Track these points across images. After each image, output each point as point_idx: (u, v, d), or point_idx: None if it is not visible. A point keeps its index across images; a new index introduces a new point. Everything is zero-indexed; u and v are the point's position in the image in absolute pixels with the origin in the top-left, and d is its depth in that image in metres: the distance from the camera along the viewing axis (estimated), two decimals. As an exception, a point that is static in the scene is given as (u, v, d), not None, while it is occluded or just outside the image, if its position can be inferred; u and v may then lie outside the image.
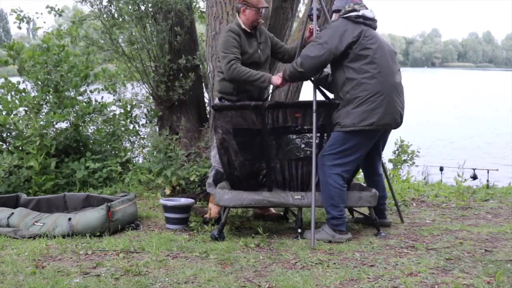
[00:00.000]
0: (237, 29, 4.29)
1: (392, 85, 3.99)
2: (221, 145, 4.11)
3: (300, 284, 3.14)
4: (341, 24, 4.00)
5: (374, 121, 3.92)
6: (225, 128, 4.10)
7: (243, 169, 4.23)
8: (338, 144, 3.99)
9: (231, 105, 4.14)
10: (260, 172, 4.32)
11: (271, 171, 4.27)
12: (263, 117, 4.12)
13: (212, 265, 3.52)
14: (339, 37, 3.93)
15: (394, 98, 3.99)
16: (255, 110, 4.10)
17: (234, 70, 4.12)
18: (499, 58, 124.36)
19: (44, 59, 6.16)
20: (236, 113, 4.09)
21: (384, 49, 4.02)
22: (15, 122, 5.94)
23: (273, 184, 4.29)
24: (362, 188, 4.43)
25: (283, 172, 4.30)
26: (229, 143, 4.12)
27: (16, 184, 5.61)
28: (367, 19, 4.01)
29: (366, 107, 3.90)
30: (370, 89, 3.91)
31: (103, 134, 6.36)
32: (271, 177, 4.28)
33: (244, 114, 4.11)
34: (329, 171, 4.01)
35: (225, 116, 4.07)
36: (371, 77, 3.91)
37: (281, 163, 4.28)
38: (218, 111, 4.08)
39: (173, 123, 6.03)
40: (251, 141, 4.19)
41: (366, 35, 3.95)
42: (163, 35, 5.71)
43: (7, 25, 72.06)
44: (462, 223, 4.58)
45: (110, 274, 3.35)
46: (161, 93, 5.86)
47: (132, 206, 4.54)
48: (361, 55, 3.93)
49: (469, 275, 3.28)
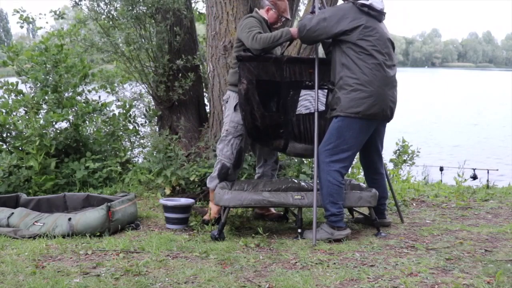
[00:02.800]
0: (259, 16, 4.40)
1: (384, 78, 4.02)
2: (245, 95, 4.27)
3: (300, 284, 3.14)
4: (346, 8, 4.05)
5: (361, 110, 3.97)
6: (249, 79, 4.26)
7: (263, 120, 4.33)
8: (334, 138, 4.04)
9: (254, 56, 4.30)
10: (279, 124, 4.41)
11: (288, 124, 4.37)
12: (282, 71, 4.29)
13: (212, 265, 3.52)
14: (337, 20, 3.99)
15: (385, 91, 4.03)
16: (275, 63, 4.29)
17: (260, 39, 4.18)
18: (499, 58, 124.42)
19: (43, 59, 6.16)
20: (258, 64, 4.28)
21: (382, 43, 4.03)
22: (14, 122, 5.94)
23: (290, 136, 4.39)
24: (362, 188, 4.43)
25: (299, 125, 4.38)
26: (253, 93, 4.28)
27: (16, 184, 5.60)
28: (373, 10, 4.02)
29: (356, 95, 3.96)
30: (361, 79, 3.96)
31: (103, 134, 6.36)
32: (288, 129, 4.38)
33: (265, 66, 4.29)
34: (328, 168, 4.03)
35: (249, 67, 4.27)
36: (365, 68, 3.96)
37: (297, 116, 4.37)
38: (242, 62, 4.26)
39: (173, 123, 6.03)
40: (271, 93, 4.35)
41: (367, 26, 3.97)
42: (162, 35, 5.71)
43: (7, 25, 72.16)
44: (462, 223, 4.58)
45: (110, 274, 3.35)
46: (161, 93, 5.86)
47: (132, 206, 4.54)
48: (358, 45, 3.97)
49: (469, 275, 3.28)
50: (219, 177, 4.42)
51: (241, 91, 4.26)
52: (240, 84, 4.26)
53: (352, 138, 4.04)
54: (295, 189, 4.52)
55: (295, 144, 4.38)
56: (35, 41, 6.38)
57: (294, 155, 4.74)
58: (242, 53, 4.30)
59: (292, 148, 4.40)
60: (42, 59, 6.16)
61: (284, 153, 4.59)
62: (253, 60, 4.27)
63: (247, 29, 4.25)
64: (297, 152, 4.43)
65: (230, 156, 4.42)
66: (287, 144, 4.39)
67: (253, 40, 4.17)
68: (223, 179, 4.41)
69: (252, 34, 4.19)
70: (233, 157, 4.41)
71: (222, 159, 4.44)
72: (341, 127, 4.02)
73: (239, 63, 4.25)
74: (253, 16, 4.40)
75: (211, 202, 4.55)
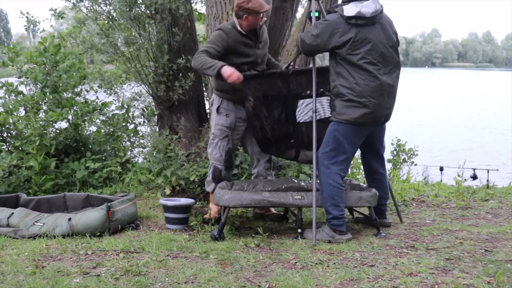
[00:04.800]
0: (229, 29, 4.28)
1: (379, 87, 3.98)
2: (253, 111, 4.32)
3: (300, 284, 3.14)
4: (334, 23, 3.98)
5: (352, 118, 3.99)
6: (255, 96, 4.29)
7: (273, 133, 4.40)
8: (331, 141, 4.07)
9: (258, 73, 4.34)
10: (289, 135, 4.46)
11: (298, 133, 4.41)
12: (288, 84, 4.32)
13: (212, 265, 3.52)
14: (328, 36, 3.99)
15: (380, 101, 4.01)
16: (281, 77, 4.33)
17: (195, 59, 4.19)
18: (499, 58, 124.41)
19: (42, 60, 6.16)
20: (264, 80, 4.32)
21: (375, 52, 3.97)
22: (14, 122, 5.94)
23: (300, 146, 4.43)
24: (362, 188, 4.43)
25: (308, 133, 4.39)
26: (260, 109, 4.33)
27: (16, 184, 5.60)
28: (361, 19, 3.94)
29: (349, 104, 3.98)
30: (355, 90, 3.95)
31: (103, 134, 6.36)
32: (298, 138, 4.41)
33: (271, 82, 4.33)
34: (328, 170, 4.04)
35: (254, 84, 4.29)
36: (358, 78, 3.95)
37: (306, 125, 4.39)
38: (247, 81, 4.26)
39: (173, 123, 6.02)
40: (279, 106, 4.38)
41: (355, 40, 3.93)
42: (161, 35, 5.70)
43: (7, 25, 72.19)
44: (462, 223, 4.58)
45: (110, 274, 3.35)
46: (160, 93, 5.85)
47: (132, 206, 4.54)
48: (348, 59, 3.95)
49: (469, 275, 3.28)
50: (214, 180, 4.46)
51: (249, 109, 4.31)
52: (247, 102, 4.30)
53: (347, 142, 4.07)
54: (295, 189, 4.52)
55: (306, 152, 4.42)
56: (34, 47, 6.37)
57: (306, 163, 4.76)
58: (247, 73, 4.28)
59: (303, 156, 4.46)
60: (41, 60, 6.16)
61: (297, 161, 4.66)
62: (258, 77, 4.31)
63: (206, 42, 4.27)
64: (309, 159, 4.44)
65: (219, 159, 4.46)
66: (298, 153, 4.45)
67: (193, 59, 4.23)
68: (218, 181, 4.44)
69: (199, 50, 4.23)
70: (222, 159, 4.45)
71: (213, 162, 4.49)
72: (336, 131, 4.06)
73: (244, 82, 4.24)
74: (222, 29, 4.31)
75: (211, 202, 4.57)
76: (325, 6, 4.94)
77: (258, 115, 4.33)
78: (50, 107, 6.03)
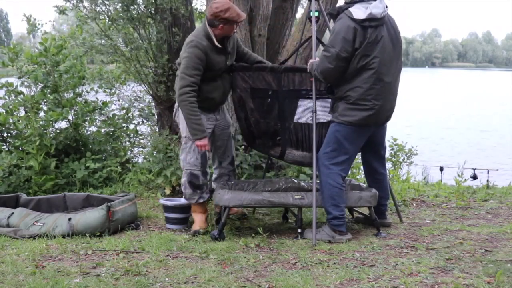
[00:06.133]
0: (204, 46, 4.08)
1: (382, 89, 3.96)
2: (238, 102, 4.36)
3: (300, 284, 3.14)
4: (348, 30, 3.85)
5: (354, 120, 3.98)
6: (242, 87, 4.31)
7: (258, 127, 4.41)
8: (332, 142, 4.06)
9: (248, 66, 4.33)
10: (277, 132, 4.45)
11: (286, 131, 4.40)
12: (279, 80, 4.30)
13: (212, 265, 3.52)
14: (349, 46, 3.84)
15: (383, 103, 4.00)
16: (271, 72, 4.30)
17: (183, 101, 4.04)
18: (499, 58, 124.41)
19: (43, 60, 6.16)
20: (253, 73, 4.31)
21: (385, 51, 3.93)
22: (14, 122, 5.94)
23: (287, 144, 4.41)
24: (362, 188, 4.43)
25: (297, 133, 4.41)
26: (245, 101, 4.34)
27: (16, 184, 5.60)
28: (373, 21, 3.87)
29: (353, 107, 3.96)
30: (360, 93, 3.93)
31: (103, 134, 6.36)
32: (286, 136, 4.40)
33: (261, 75, 4.31)
34: (328, 171, 4.04)
35: (243, 75, 4.29)
36: (364, 82, 3.91)
37: (295, 124, 4.40)
38: (236, 71, 4.27)
39: (173, 123, 6.02)
40: (267, 101, 4.37)
41: (369, 41, 3.86)
42: (160, 35, 5.70)
43: (7, 25, 72.21)
44: (462, 223, 4.58)
45: (110, 274, 3.35)
46: (160, 93, 5.86)
47: (132, 206, 4.55)
48: (358, 60, 3.89)
49: (469, 275, 3.28)
50: (192, 187, 4.27)
51: (234, 100, 4.33)
52: (233, 93, 4.30)
53: (348, 143, 4.06)
54: (295, 189, 4.52)
55: (293, 151, 4.40)
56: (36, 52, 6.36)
57: (292, 163, 4.73)
58: (235, 64, 4.29)
59: (289, 155, 4.42)
60: (42, 60, 6.16)
61: (282, 160, 4.60)
62: (247, 70, 4.30)
63: (184, 68, 4.04)
64: (295, 159, 4.45)
65: (195, 162, 4.25)
66: (284, 152, 4.41)
67: (180, 92, 4.05)
68: (196, 187, 4.28)
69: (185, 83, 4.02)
70: (198, 162, 4.25)
71: (188, 168, 4.28)
72: (337, 131, 4.04)
73: (232, 73, 4.24)
74: (198, 47, 4.05)
75: (193, 213, 4.41)
76: (325, 6, 4.95)
77: (243, 106, 4.34)
78: (50, 107, 6.03)
